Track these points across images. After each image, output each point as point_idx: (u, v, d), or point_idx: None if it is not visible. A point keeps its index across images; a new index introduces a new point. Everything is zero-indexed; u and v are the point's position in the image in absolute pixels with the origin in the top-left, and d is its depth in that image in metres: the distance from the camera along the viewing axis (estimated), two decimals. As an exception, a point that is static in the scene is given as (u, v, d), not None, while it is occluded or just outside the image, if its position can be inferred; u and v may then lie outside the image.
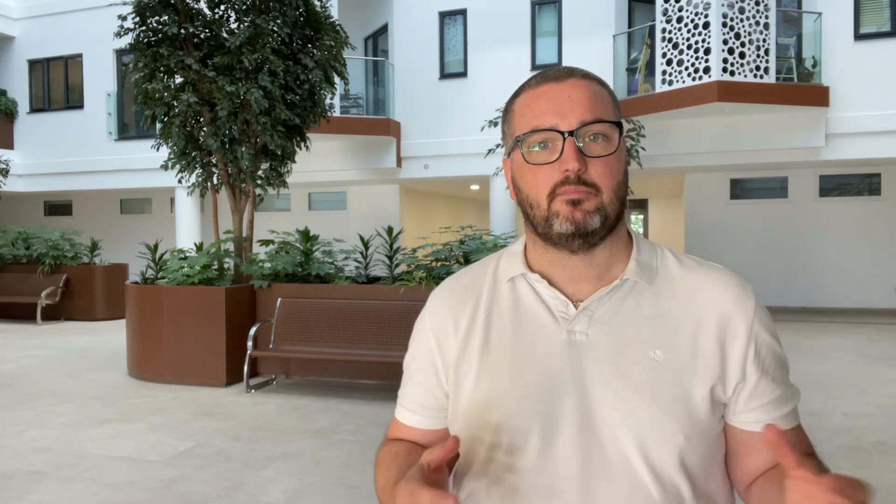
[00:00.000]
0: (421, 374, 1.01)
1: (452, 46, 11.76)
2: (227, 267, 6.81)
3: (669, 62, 9.13)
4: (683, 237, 12.37)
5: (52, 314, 10.55)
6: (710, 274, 0.94)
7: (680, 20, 8.99)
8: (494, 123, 8.89)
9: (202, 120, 6.72)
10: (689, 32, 8.88)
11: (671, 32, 9.11)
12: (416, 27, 11.85)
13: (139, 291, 6.41)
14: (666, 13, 9.15)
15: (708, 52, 8.66)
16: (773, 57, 8.82)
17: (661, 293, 0.93)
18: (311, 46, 6.97)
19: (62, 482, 3.66)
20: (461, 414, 0.94)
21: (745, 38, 8.68)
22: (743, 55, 8.68)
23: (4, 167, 12.87)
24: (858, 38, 9.35)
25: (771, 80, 8.79)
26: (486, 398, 0.91)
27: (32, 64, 14.48)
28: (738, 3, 8.63)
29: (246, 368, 5.78)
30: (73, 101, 14.15)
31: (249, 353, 5.81)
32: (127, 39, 6.63)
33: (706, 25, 8.67)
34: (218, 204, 7.36)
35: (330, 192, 14.72)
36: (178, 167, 6.89)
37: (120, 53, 13.60)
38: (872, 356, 7.16)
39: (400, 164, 11.82)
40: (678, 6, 8.99)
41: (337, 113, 10.53)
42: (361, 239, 6.59)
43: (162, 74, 6.55)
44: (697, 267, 0.96)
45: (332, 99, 8.25)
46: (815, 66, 9.52)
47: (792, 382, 0.94)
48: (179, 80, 6.61)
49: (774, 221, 11.77)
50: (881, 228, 11.21)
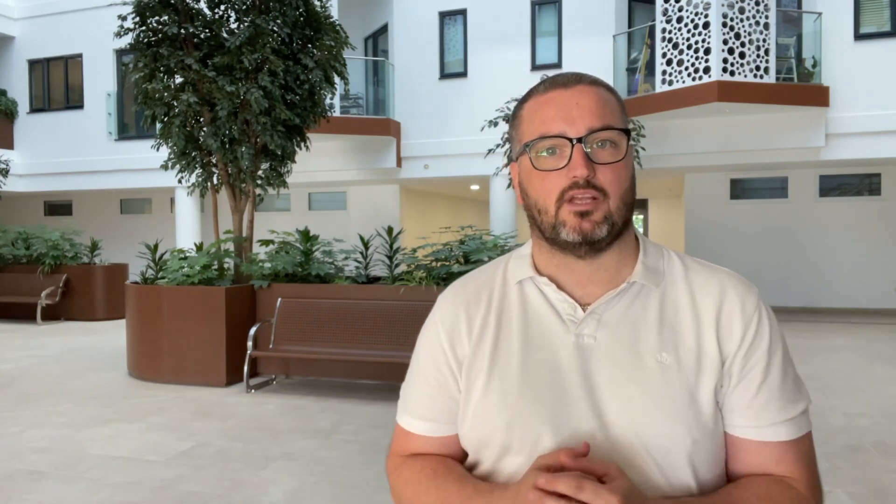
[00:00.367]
0: (435, 376, 0.99)
1: (452, 46, 11.76)
2: (227, 267, 6.81)
3: (669, 62, 9.13)
4: (683, 237, 12.36)
5: (52, 314, 10.56)
6: (714, 276, 0.94)
7: (680, 20, 8.99)
8: (494, 123, 8.88)
9: (202, 120, 6.72)
10: (689, 32, 8.88)
11: (671, 32, 9.11)
12: (416, 27, 11.85)
13: (139, 291, 6.41)
14: (666, 13, 9.15)
15: (708, 52, 8.66)
16: (773, 57, 8.82)
17: (667, 296, 0.93)
18: (311, 46, 6.97)
19: (62, 482, 3.66)
20: (470, 416, 0.94)
21: (745, 38, 8.68)
22: (743, 55, 8.68)
23: (4, 167, 12.87)
24: (858, 38, 9.35)
25: (771, 80, 8.79)
26: (495, 401, 0.91)
27: (32, 64, 14.48)
28: (738, 3, 8.63)
29: (246, 368, 5.78)
30: (73, 101, 14.15)
31: (249, 353, 5.81)
32: (127, 39, 6.63)
33: (706, 25, 8.67)
34: (218, 204, 7.36)
35: (330, 192, 14.72)
36: (178, 167, 6.89)
37: (120, 53, 13.60)
38: (872, 356, 7.16)
39: (400, 164, 11.82)
40: (678, 6, 8.99)
41: (337, 113, 10.53)
42: (361, 239, 6.59)
43: (162, 74, 6.55)
44: (702, 269, 0.96)
45: (332, 99, 8.24)
46: (815, 66, 9.52)
47: (800, 391, 0.92)
48: (179, 80, 6.61)
49: (774, 221, 11.77)
50: (881, 228, 11.20)
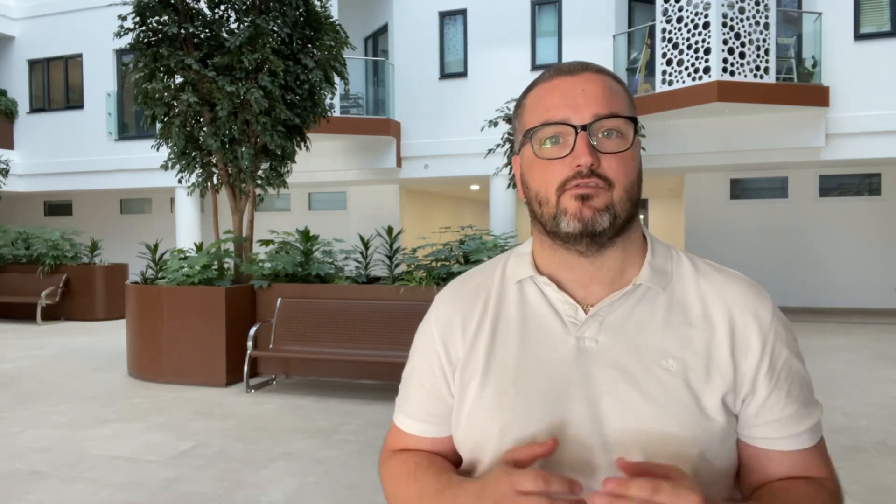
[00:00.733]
0: (428, 378, 0.96)
1: (452, 46, 11.76)
2: (227, 267, 6.81)
3: (669, 62, 9.13)
4: (683, 237, 12.36)
5: (52, 314, 10.55)
6: (726, 280, 0.90)
7: (680, 20, 8.99)
8: (494, 123, 8.88)
9: (202, 120, 6.72)
10: (689, 32, 8.88)
11: (671, 32, 9.11)
12: (416, 27, 11.85)
13: (139, 291, 6.41)
14: (666, 13, 9.15)
15: (708, 52, 8.66)
16: (773, 57, 8.82)
17: (674, 299, 0.88)
18: (311, 46, 6.97)
19: (62, 482, 3.66)
20: (464, 420, 0.90)
21: (745, 38, 8.68)
22: (743, 55, 8.68)
23: (4, 167, 12.87)
24: (858, 38, 9.35)
25: (771, 80, 8.79)
26: (489, 405, 0.88)
27: (32, 64, 14.48)
28: (738, 3, 8.62)
29: (246, 368, 5.78)
30: (73, 101, 14.15)
31: (249, 353, 5.81)
32: (127, 39, 6.64)
33: (706, 25, 8.67)
34: (218, 204, 7.36)
35: (330, 192, 14.72)
36: (178, 167, 6.89)
37: (120, 53, 13.60)
38: (872, 356, 7.16)
39: (400, 164, 11.82)
40: (678, 6, 8.99)
41: (337, 113, 10.53)
42: (361, 239, 6.59)
43: (162, 74, 6.55)
44: (714, 273, 0.91)
45: (332, 99, 8.24)
46: (815, 66, 9.51)
47: (815, 400, 0.91)
48: (179, 80, 6.61)
49: (774, 221, 11.77)
50: (881, 228, 11.20)
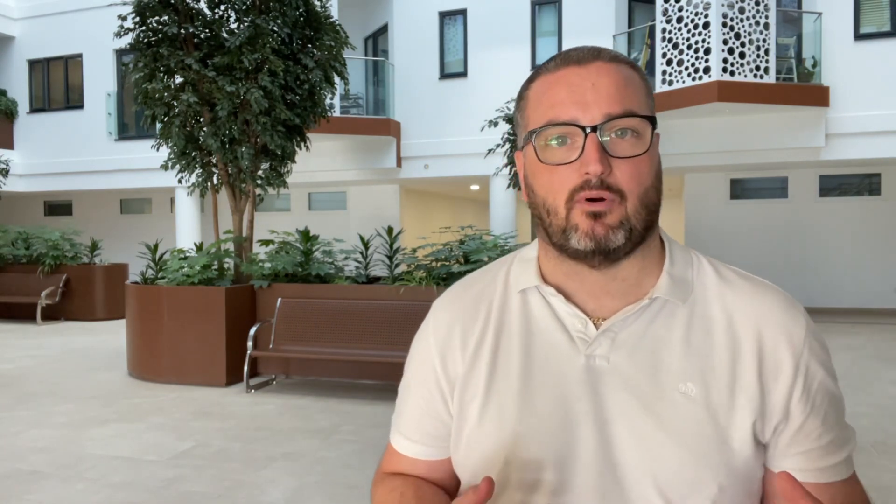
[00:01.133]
0: (424, 396, 0.87)
1: (452, 46, 11.76)
2: (227, 267, 6.81)
3: (669, 62, 9.13)
4: (683, 237, 12.36)
5: (52, 314, 10.55)
6: (753, 291, 0.80)
7: (680, 20, 8.99)
8: (494, 123, 8.88)
9: (202, 120, 6.72)
10: (689, 32, 8.88)
11: (671, 32, 9.11)
12: (416, 27, 11.85)
13: (139, 291, 6.41)
14: (666, 13, 9.15)
15: (708, 52, 8.66)
16: (773, 57, 8.82)
17: (695, 313, 0.79)
18: (311, 46, 6.97)
19: (62, 482, 3.66)
20: (464, 444, 0.82)
21: (745, 38, 8.68)
22: (743, 55, 8.68)
23: (4, 167, 12.87)
24: (858, 38, 9.35)
25: (771, 80, 8.79)
26: (491, 431, 0.79)
27: (32, 64, 14.49)
28: (738, 3, 8.63)
29: (246, 368, 5.78)
30: (73, 101, 14.15)
31: (249, 353, 5.81)
32: (127, 39, 6.63)
33: (706, 25, 8.67)
34: (218, 204, 7.36)
35: (330, 192, 14.72)
36: (178, 167, 6.89)
37: (120, 53, 13.60)
38: (872, 356, 7.16)
39: (400, 164, 11.83)
40: (678, 6, 8.99)
41: (337, 113, 10.53)
42: (361, 239, 6.59)
43: (162, 74, 6.55)
44: (740, 282, 0.81)
45: (332, 99, 8.23)
46: (815, 66, 9.52)
47: (848, 424, 0.81)
48: (179, 80, 6.61)
49: (774, 221, 11.77)
50: (881, 228, 11.20)
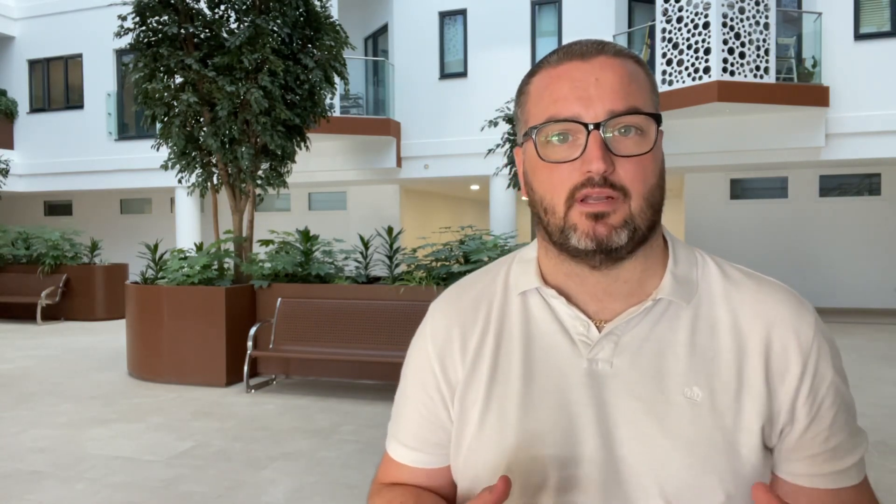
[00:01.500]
0: (423, 402, 0.84)
1: (452, 46, 11.76)
2: (227, 267, 6.81)
3: (669, 62, 9.13)
4: (683, 237, 12.36)
5: (52, 314, 10.55)
6: (759, 290, 0.78)
7: (680, 20, 8.99)
8: (494, 123, 8.89)
9: (202, 120, 6.72)
10: (689, 32, 8.89)
11: (671, 32, 9.12)
12: (416, 27, 11.86)
13: (139, 291, 6.41)
14: (666, 13, 9.15)
15: (708, 52, 8.66)
16: (773, 57, 8.82)
17: (700, 314, 0.77)
18: (311, 46, 6.97)
19: (62, 482, 3.66)
20: (464, 450, 0.80)
21: (745, 38, 8.68)
22: (743, 55, 8.68)
23: (4, 167, 12.87)
24: (858, 38, 9.35)
25: (771, 80, 8.79)
26: (492, 438, 0.77)
27: (32, 64, 14.49)
28: (738, 3, 8.63)
29: (246, 368, 5.78)
30: (73, 101, 14.16)
31: (249, 353, 5.81)
32: (127, 39, 6.64)
33: (706, 25, 8.67)
34: (218, 204, 7.36)
35: (330, 192, 14.72)
36: (178, 167, 6.89)
37: (120, 53, 13.60)
38: (872, 356, 7.16)
39: (400, 164, 11.83)
40: (678, 6, 8.99)
41: (337, 113, 10.53)
42: (361, 239, 6.59)
43: (162, 74, 6.55)
44: (746, 281, 0.79)
45: (332, 99, 8.24)
46: (815, 66, 9.52)
47: (860, 428, 0.78)
48: (179, 80, 6.62)
49: (774, 221, 11.77)
50: (881, 228, 11.20)
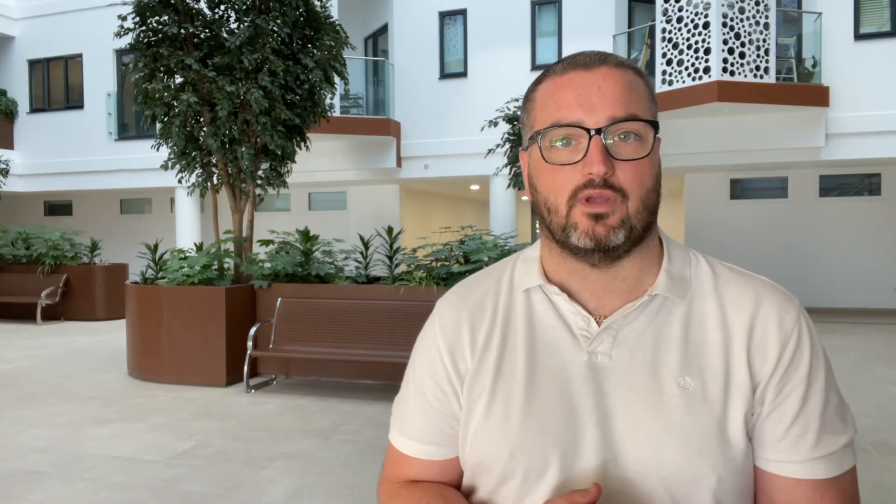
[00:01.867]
0: (437, 396, 0.88)
1: (452, 46, 11.76)
2: (227, 267, 6.81)
3: (669, 62, 9.13)
4: (683, 237, 12.36)
5: (52, 314, 10.55)
6: (748, 285, 0.83)
7: (680, 20, 8.99)
8: (494, 123, 8.89)
9: (202, 120, 6.72)
10: (689, 32, 8.89)
11: (671, 32, 9.12)
12: (416, 27, 11.86)
13: (139, 291, 6.41)
14: (666, 13, 9.15)
15: (708, 52, 8.66)
16: (773, 57, 8.82)
17: (693, 310, 0.82)
18: (311, 46, 6.97)
19: (62, 482, 3.66)
20: (470, 438, 0.85)
21: (745, 38, 8.68)
22: (743, 55, 8.68)
23: (4, 167, 12.87)
24: (858, 38, 9.36)
25: (771, 80, 8.79)
26: (497, 425, 0.82)
27: (32, 64, 14.49)
28: (738, 3, 8.63)
29: (246, 368, 5.78)
30: (73, 101, 14.16)
31: (249, 353, 5.81)
32: (127, 39, 6.63)
33: (706, 25, 8.67)
34: (218, 204, 7.36)
35: (330, 192, 14.72)
36: (178, 167, 6.89)
37: (120, 53, 13.60)
38: (872, 356, 7.16)
39: (400, 164, 11.83)
40: (678, 6, 8.99)
41: (337, 113, 10.53)
42: (361, 239, 6.59)
43: (162, 74, 6.55)
44: (734, 277, 0.84)
45: (332, 99, 8.25)
46: (815, 66, 9.52)
47: (844, 421, 0.80)
48: (179, 80, 6.61)
49: (774, 221, 11.77)
50: (881, 228, 11.20)
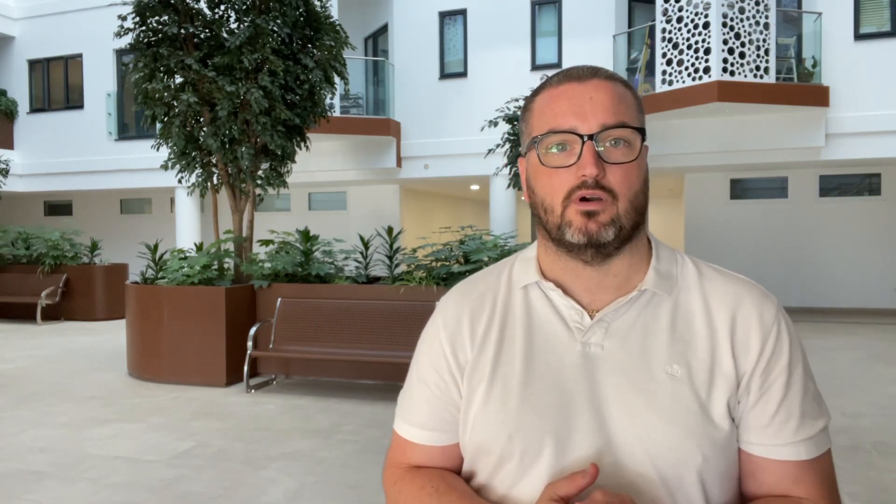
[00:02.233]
0: (437, 383, 0.95)
1: (452, 46, 11.76)
2: (227, 267, 6.81)
3: (669, 62, 9.13)
4: (683, 237, 12.36)
5: (52, 314, 10.55)
6: (730, 284, 0.90)
7: (680, 20, 8.99)
8: (494, 123, 8.88)
9: (202, 120, 6.72)
10: (689, 32, 8.88)
11: (671, 32, 9.11)
12: (416, 27, 11.86)
13: (139, 291, 6.41)
14: (666, 13, 9.15)
15: (708, 52, 8.66)
16: (773, 57, 8.82)
17: (679, 304, 0.89)
18: (311, 46, 6.97)
19: (62, 482, 3.66)
20: (470, 424, 0.91)
21: (745, 38, 8.68)
22: (743, 55, 8.68)
23: (4, 167, 12.87)
24: (858, 38, 9.36)
25: (771, 80, 8.79)
26: (496, 410, 0.88)
27: (32, 64, 14.48)
28: (738, 3, 8.63)
29: (246, 368, 5.78)
30: (73, 101, 14.16)
31: (249, 353, 5.81)
32: (127, 39, 6.64)
33: (706, 25, 8.67)
34: (218, 204, 7.36)
35: (330, 192, 14.72)
36: (178, 167, 6.89)
37: (120, 53, 13.60)
38: (872, 356, 7.16)
39: (400, 164, 11.83)
40: (678, 6, 8.99)
41: (337, 113, 10.53)
42: (361, 239, 6.59)
43: (162, 74, 6.55)
44: (718, 277, 0.92)
45: (332, 99, 8.24)
46: (815, 66, 9.52)
47: (820, 407, 0.88)
48: (179, 80, 6.61)
49: (774, 221, 11.77)
50: (881, 228, 11.20)
